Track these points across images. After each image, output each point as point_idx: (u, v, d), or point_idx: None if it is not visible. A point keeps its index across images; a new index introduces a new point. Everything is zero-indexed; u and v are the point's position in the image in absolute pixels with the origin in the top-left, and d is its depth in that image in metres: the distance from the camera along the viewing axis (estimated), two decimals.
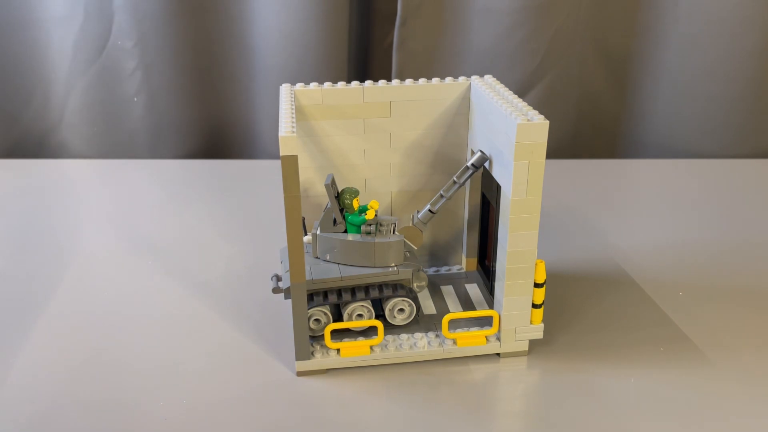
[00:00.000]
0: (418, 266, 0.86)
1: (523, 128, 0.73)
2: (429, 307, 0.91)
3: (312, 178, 0.90)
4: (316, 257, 0.85)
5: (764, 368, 0.83)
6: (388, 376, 0.82)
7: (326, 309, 0.84)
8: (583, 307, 0.95)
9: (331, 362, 0.82)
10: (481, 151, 0.82)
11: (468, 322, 0.87)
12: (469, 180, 0.88)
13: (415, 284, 0.86)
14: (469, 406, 0.78)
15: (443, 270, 0.98)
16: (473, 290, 0.94)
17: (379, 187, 0.92)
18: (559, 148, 1.46)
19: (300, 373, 0.81)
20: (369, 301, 0.85)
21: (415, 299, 0.86)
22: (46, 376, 0.81)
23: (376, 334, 0.84)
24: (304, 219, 0.87)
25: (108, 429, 0.74)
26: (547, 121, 0.73)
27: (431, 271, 0.98)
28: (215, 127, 1.49)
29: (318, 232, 0.85)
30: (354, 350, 0.82)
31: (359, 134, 0.88)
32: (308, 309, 0.82)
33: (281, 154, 0.71)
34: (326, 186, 0.83)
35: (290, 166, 0.71)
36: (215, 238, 1.14)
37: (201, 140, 1.49)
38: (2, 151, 1.47)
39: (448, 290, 0.94)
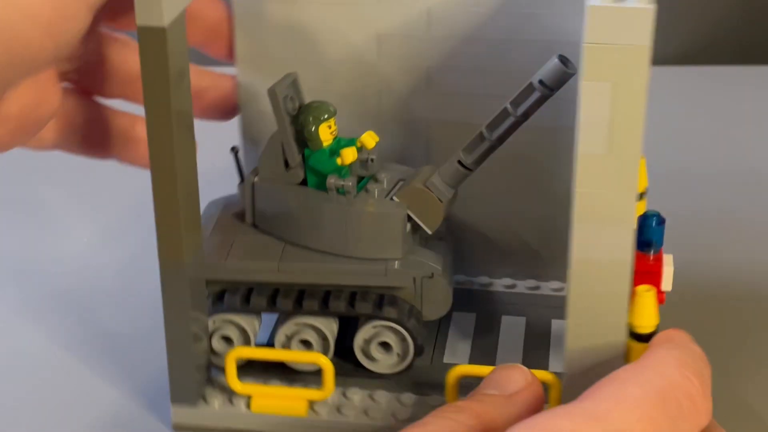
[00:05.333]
0: (433, 267, 0.85)
1: (602, 15, 0.69)
2: (460, 350, 0.91)
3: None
4: (253, 224, 0.88)
5: None
6: None
7: (246, 320, 0.86)
8: (736, 374, 0.90)
9: (236, 418, 0.83)
10: (561, 57, 0.79)
11: None
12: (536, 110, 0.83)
13: (422, 301, 0.85)
14: None
15: (521, 285, 0.97)
16: None
17: (405, 105, 0.91)
18: (693, 49, 1.44)
19: (178, 427, 0.84)
20: (331, 320, 0.85)
21: (416, 331, 0.85)
22: None
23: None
24: (237, 151, 0.89)
25: None
26: (652, 5, 0.69)
27: (502, 285, 0.97)
28: None
29: (256, 178, 0.87)
30: (276, 404, 0.83)
31: None
32: (211, 316, 0.84)
33: (139, 22, 0.72)
34: (270, 93, 0.83)
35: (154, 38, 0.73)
36: None
37: None
38: None
39: (513, 324, 0.94)
